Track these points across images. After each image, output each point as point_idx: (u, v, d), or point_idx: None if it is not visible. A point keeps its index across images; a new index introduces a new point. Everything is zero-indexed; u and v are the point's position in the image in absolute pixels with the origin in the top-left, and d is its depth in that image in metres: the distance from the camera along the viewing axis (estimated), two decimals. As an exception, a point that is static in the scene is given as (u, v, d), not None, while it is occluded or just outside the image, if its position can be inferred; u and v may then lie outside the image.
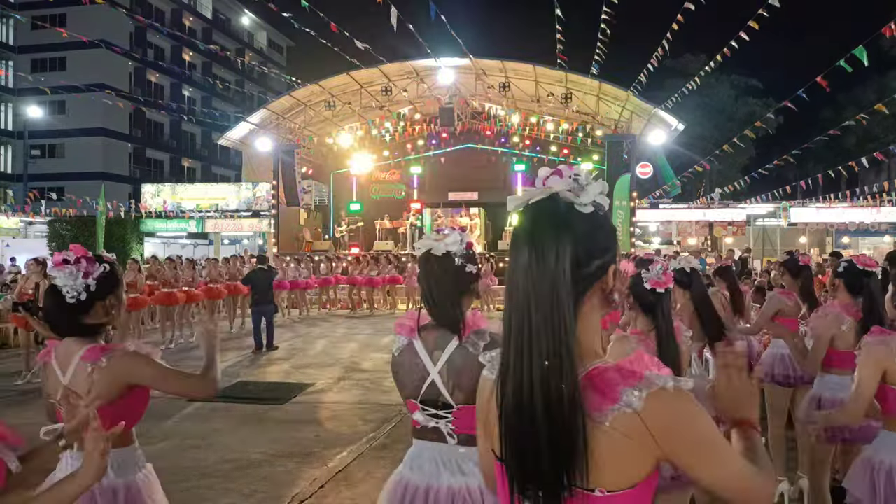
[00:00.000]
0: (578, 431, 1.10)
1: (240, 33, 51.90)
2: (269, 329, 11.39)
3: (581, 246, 1.16)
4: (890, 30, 12.44)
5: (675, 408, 1.12)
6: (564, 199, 1.18)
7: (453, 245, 2.24)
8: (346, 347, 11.78)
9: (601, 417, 1.11)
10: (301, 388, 8.34)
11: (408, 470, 2.30)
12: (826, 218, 22.55)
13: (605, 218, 1.20)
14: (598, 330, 1.23)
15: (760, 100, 38.93)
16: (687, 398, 1.14)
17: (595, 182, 1.20)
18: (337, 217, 25.75)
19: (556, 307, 1.13)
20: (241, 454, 5.69)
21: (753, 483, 1.18)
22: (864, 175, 31.83)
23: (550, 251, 1.14)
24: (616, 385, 1.12)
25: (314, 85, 22.17)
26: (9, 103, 40.19)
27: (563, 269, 1.14)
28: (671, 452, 1.13)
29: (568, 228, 1.15)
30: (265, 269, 12.01)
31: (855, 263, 3.52)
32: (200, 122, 34.96)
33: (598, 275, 1.19)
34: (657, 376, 1.12)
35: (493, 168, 25.33)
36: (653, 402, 1.10)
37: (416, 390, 2.27)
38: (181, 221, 25.24)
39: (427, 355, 2.24)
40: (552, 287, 1.13)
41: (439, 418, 2.24)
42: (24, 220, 26.83)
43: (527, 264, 1.16)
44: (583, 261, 1.16)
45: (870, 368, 2.81)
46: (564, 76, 20.46)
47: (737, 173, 34.27)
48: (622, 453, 1.11)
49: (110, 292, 2.35)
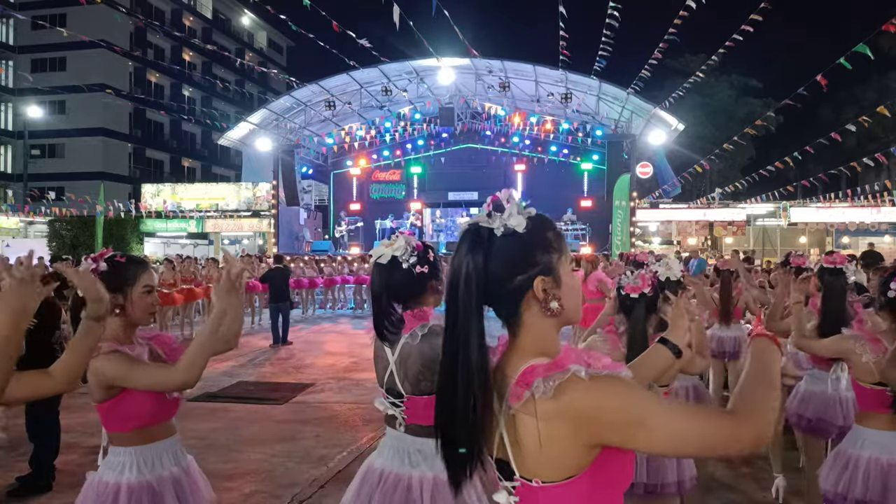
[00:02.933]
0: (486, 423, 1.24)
1: (240, 33, 51.88)
2: (285, 324, 11.99)
3: (498, 265, 1.30)
4: (893, 26, 12.42)
5: (587, 394, 1.18)
6: (484, 226, 1.32)
7: (399, 250, 2.40)
8: (347, 347, 11.78)
9: (516, 406, 1.22)
10: (301, 388, 8.34)
11: (375, 454, 2.50)
12: (826, 218, 22.56)
13: (522, 237, 1.31)
14: (545, 336, 1.33)
15: (760, 100, 38.90)
16: (602, 383, 1.19)
17: (512, 207, 1.33)
18: (337, 217, 25.74)
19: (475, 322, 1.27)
20: (241, 454, 5.70)
21: (712, 433, 1.18)
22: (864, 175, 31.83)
23: (468, 273, 1.29)
24: (535, 376, 1.22)
25: (314, 85, 22.18)
26: (9, 103, 40.17)
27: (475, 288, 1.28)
28: (598, 436, 1.19)
29: (483, 253, 1.29)
30: (282, 268, 12.70)
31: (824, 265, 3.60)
32: (200, 122, 34.92)
33: (525, 288, 1.30)
34: (576, 367, 1.20)
35: (493, 168, 25.34)
36: (564, 389, 1.19)
37: (382, 379, 2.47)
38: (181, 221, 25.26)
39: (389, 347, 2.43)
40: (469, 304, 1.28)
41: (396, 406, 2.42)
42: (24, 220, 26.85)
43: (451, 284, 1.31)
44: (503, 277, 1.30)
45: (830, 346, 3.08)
46: (564, 76, 20.46)
47: (737, 173, 34.27)
48: (546, 443, 1.20)
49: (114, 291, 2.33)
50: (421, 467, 2.34)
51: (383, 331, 2.37)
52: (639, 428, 1.17)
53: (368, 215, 25.02)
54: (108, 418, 2.36)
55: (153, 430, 2.39)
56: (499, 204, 1.34)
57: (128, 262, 2.43)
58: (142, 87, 41.43)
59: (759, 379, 1.29)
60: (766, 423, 1.21)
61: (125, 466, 2.33)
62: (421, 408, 2.35)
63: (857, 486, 2.79)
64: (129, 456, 2.34)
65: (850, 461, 2.86)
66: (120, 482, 2.31)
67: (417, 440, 2.36)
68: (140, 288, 2.41)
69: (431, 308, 2.46)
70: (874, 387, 2.84)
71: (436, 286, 2.48)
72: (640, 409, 1.18)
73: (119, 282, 2.37)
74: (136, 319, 2.42)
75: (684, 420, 1.18)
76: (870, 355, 2.85)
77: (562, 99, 21.34)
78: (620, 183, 21.62)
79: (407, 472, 2.35)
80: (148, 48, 42.67)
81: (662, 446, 1.20)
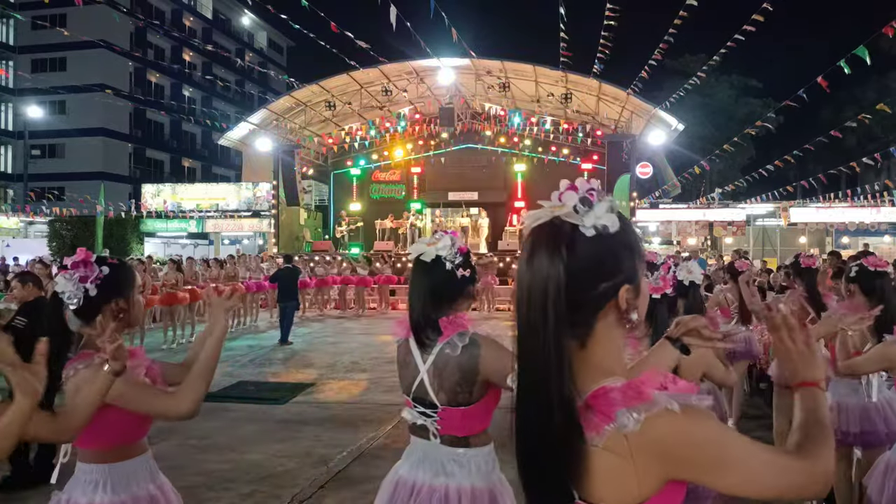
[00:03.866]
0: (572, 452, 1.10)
1: (240, 33, 51.87)
2: (288, 323, 12.24)
3: (583, 270, 1.14)
4: (892, 29, 12.43)
5: (676, 429, 1.09)
6: (567, 220, 1.16)
7: (443, 250, 2.26)
8: (347, 347, 11.78)
9: (596, 439, 1.10)
10: (301, 388, 8.34)
11: (401, 465, 2.37)
12: (826, 218, 22.56)
13: (612, 238, 1.16)
14: (616, 349, 1.21)
15: (760, 100, 38.93)
16: (693, 418, 1.10)
17: (603, 203, 1.18)
18: (337, 217, 25.75)
19: (556, 334, 1.13)
20: (241, 454, 5.70)
21: (792, 477, 1.13)
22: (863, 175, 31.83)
23: (548, 280, 1.13)
24: (614, 406, 1.10)
25: (314, 85, 22.18)
26: (9, 103, 40.17)
27: (559, 296, 1.12)
28: (679, 472, 1.11)
29: (568, 255, 1.13)
30: (291, 267, 12.94)
31: (866, 266, 3.48)
32: (200, 122, 34.93)
33: (608, 296, 1.17)
34: (664, 397, 1.10)
35: (493, 168, 25.33)
36: (652, 423, 1.08)
37: (409, 387, 2.33)
38: (181, 221, 25.26)
39: (419, 354, 2.29)
40: (545, 315, 1.13)
41: (426, 416, 2.28)
42: (24, 220, 26.86)
43: (527, 291, 1.15)
44: (588, 284, 1.15)
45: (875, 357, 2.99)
46: (564, 76, 20.47)
47: (737, 173, 34.28)
48: (621, 473, 1.10)
49: (118, 295, 2.24)
50: (457, 477, 2.23)
51: (423, 337, 2.26)
52: (722, 469, 1.10)
53: (368, 215, 25.02)
54: (86, 433, 2.08)
55: (129, 447, 2.24)
56: (585, 197, 1.17)
57: (121, 264, 2.32)
58: (142, 87, 41.43)
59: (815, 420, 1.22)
60: (832, 462, 1.17)
61: (98, 485, 2.15)
62: (458, 419, 2.24)
63: None
64: (103, 474, 2.17)
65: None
66: (93, 502, 2.15)
67: (453, 451, 2.24)
68: (137, 289, 2.35)
69: (466, 314, 2.34)
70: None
71: (472, 291, 2.37)
72: (727, 451, 1.11)
73: (121, 285, 2.26)
74: (135, 321, 2.34)
75: (766, 464, 1.11)
76: None
77: (562, 99, 21.34)
78: (620, 183, 21.62)
79: (442, 482, 2.23)
80: (148, 48, 42.67)
81: (742, 489, 1.12)
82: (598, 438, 1.10)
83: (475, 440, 2.27)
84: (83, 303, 2.17)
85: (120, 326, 2.22)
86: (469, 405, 2.22)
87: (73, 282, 2.17)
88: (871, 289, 3.36)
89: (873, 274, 3.38)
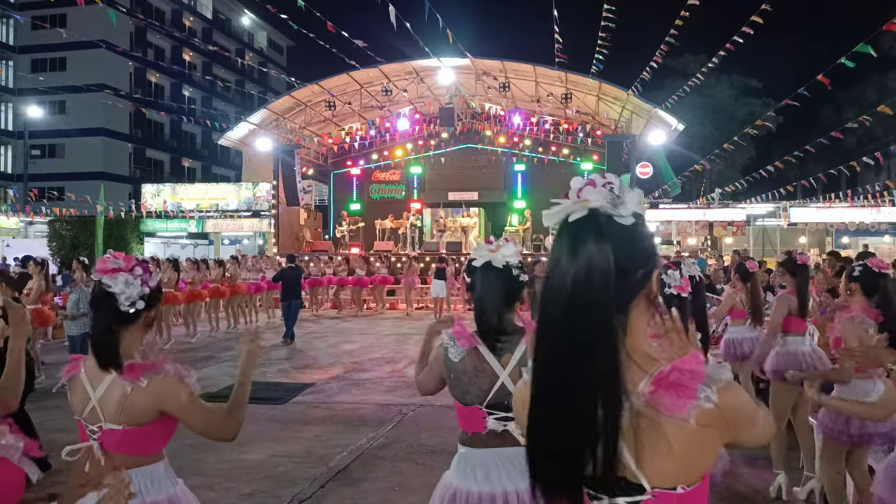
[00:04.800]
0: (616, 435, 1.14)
1: (240, 33, 51.89)
2: (293, 320, 12.51)
3: (625, 258, 1.17)
4: (894, 25, 12.42)
5: (736, 396, 1.22)
6: (605, 213, 1.19)
7: (512, 257, 2.36)
8: (347, 347, 11.78)
9: (686, 416, 1.15)
10: (301, 388, 8.34)
11: (464, 479, 2.32)
12: (826, 218, 22.56)
13: (644, 225, 1.23)
14: (644, 332, 1.25)
15: (760, 100, 38.93)
16: (735, 387, 1.25)
17: (632, 192, 1.22)
18: (337, 217, 25.75)
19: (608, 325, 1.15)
20: (241, 454, 5.69)
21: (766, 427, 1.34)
22: (864, 175, 31.84)
23: (596, 269, 1.15)
24: (689, 384, 1.16)
25: (314, 85, 22.17)
26: (9, 103, 40.18)
27: (610, 286, 1.14)
28: (733, 434, 1.23)
29: (611, 244, 1.16)
30: (294, 267, 13.32)
31: (870, 266, 3.54)
32: (200, 122, 34.94)
33: (644, 282, 1.22)
34: (716, 372, 1.22)
35: (493, 168, 25.33)
36: (723, 394, 1.19)
37: (483, 395, 2.31)
38: (181, 221, 25.25)
39: (496, 360, 2.31)
40: (603, 306, 1.14)
41: (509, 420, 2.28)
42: (24, 220, 26.85)
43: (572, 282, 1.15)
44: (629, 272, 1.18)
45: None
46: (564, 76, 20.47)
47: (737, 173, 34.30)
48: (701, 446, 1.18)
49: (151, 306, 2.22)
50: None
51: (495, 342, 2.29)
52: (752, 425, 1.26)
53: (368, 215, 25.02)
54: (141, 441, 2.17)
55: (160, 453, 2.31)
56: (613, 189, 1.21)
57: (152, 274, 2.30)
58: (142, 87, 41.45)
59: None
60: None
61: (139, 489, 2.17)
62: None
63: None
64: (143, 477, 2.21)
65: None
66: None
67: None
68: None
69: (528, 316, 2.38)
70: None
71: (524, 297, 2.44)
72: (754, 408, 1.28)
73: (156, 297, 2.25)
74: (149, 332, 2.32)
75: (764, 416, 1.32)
76: None
77: (562, 99, 21.35)
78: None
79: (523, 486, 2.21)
80: (148, 48, 42.68)
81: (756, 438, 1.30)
82: (686, 415, 1.15)
83: None
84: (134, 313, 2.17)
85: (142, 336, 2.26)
86: None
87: (135, 285, 2.15)
88: (874, 289, 3.42)
89: (877, 275, 3.44)
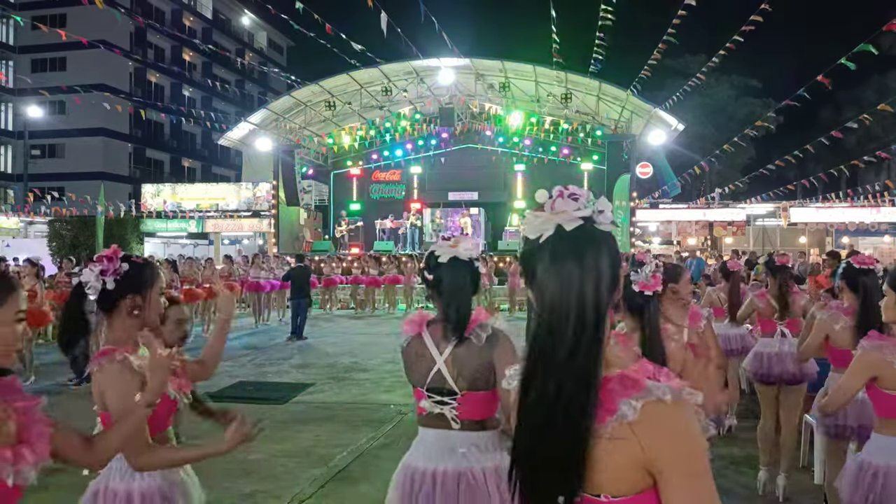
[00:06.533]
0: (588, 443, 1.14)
1: (240, 33, 51.87)
2: (302, 320, 12.85)
3: (609, 268, 1.20)
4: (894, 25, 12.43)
5: (666, 420, 1.14)
6: (595, 221, 1.22)
7: (473, 251, 2.49)
8: (347, 347, 11.78)
9: (602, 429, 1.15)
10: (301, 388, 8.35)
11: (414, 456, 2.49)
12: (826, 218, 22.55)
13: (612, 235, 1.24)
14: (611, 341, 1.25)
15: (760, 100, 38.93)
16: (682, 412, 1.16)
17: (601, 200, 1.24)
18: (337, 217, 25.76)
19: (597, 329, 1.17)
20: (241, 454, 5.69)
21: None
22: (864, 175, 31.85)
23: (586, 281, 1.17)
24: (616, 395, 1.16)
25: (314, 85, 22.18)
26: (9, 103, 40.18)
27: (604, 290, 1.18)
28: (652, 462, 1.14)
29: (604, 251, 1.20)
30: (303, 266, 13.62)
31: (852, 263, 3.65)
32: (200, 122, 34.95)
33: (616, 286, 1.24)
34: (657, 387, 1.15)
35: (493, 168, 25.32)
36: (646, 412, 1.13)
37: (422, 378, 2.45)
38: (181, 221, 25.24)
39: (434, 346, 2.44)
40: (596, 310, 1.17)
41: (444, 405, 2.43)
42: (24, 220, 26.84)
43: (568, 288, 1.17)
44: (610, 281, 1.21)
45: (857, 370, 2.94)
46: (564, 76, 20.47)
47: (737, 173, 34.29)
48: (621, 461, 1.15)
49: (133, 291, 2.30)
50: (479, 459, 2.37)
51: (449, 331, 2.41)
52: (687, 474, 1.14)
53: (368, 215, 25.02)
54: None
55: (160, 436, 2.33)
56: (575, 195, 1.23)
57: (146, 263, 2.40)
58: (142, 87, 41.43)
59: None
60: None
61: (135, 472, 2.23)
62: (476, 403, 2.39)
63: (873, 494, 2.77)
64: None
65: (868, 469, 2.83)
66: (131, 489, 2.24)
67: (472, 435, 2.40)
68: (156, 290, 2.38)
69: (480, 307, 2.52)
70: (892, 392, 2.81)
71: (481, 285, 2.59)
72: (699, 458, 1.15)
73: (139, 283, 2.31)
74: (151, 322, 2.38)
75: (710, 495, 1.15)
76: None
77: (562, 99, 21.35)
78: (620, 183, 21.62)
79: (465, 466, 2.36)
80: (148, 48, 42.68)
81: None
82: (602, 428, 1.14)
83: (491, 423, 2.44)
84: (101, 295, 2.28)
85: (136, 324, 2.31)
86: (486, 390, 2.39)
87: (94, 274, 2.29)
88: (856, 285, 3.52)
89: (858, 271, 3.54)
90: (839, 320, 3.74)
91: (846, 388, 2.97)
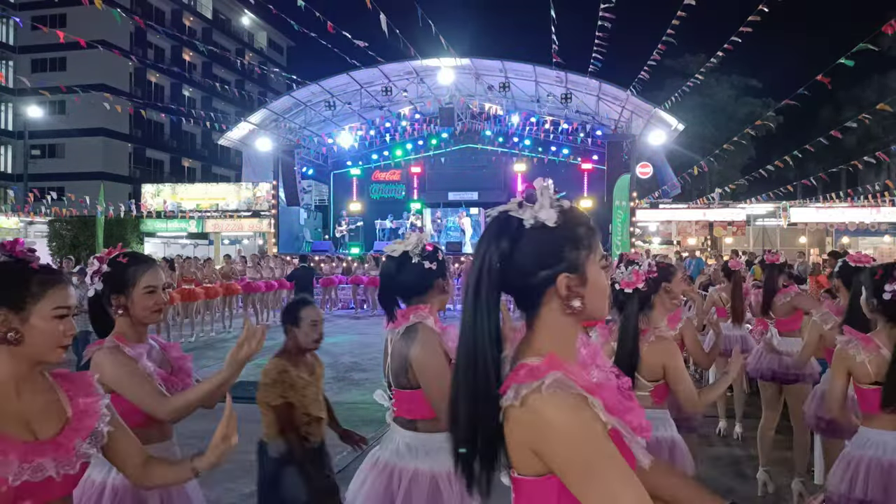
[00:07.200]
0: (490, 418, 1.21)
1: (240, 33, 51.87)
2: None
3: (524, 257, 1.25)
4: (891, 27, 12.44)
5: (546, 412, 1.15)
6: (514, 215, 1.28)
7: (409, 246, 2.45)
8: (347, 347, 11.78)
9: (502, 402, 1.22)
10: (301, 388, 8.33)
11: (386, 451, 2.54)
12: (826, 218, 22.54)
13: (553, 231, 1.27)
14: (561, 334, 1.29)
15: (760, 100, 38.91)
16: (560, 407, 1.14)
17: (542, 199, 1.29)
18: (337, 217, 25.76)
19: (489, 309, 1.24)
20: (241, 454, 5.67)
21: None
22: (864, 175, 31.85)
23: (485, 264, 1.26)
24: (513, 380, 1.21)
25: (314, 85, 22.19)
26: (9, 103, 40.18)
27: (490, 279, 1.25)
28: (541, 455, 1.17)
29: (507, 241, 1.26)
30: (307, 267, 13.72)
31: (847, 262, 3.73)
32: (200, 122, 34.94)
33: (548, 283, 1.26)
34: (555, 378, 1.16)
35: (493, 168, 25.34)
36: (526, 400, 1.17)
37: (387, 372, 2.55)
38: (181, 221, 25.24)
39: (389, 343, 2.52)
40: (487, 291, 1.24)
41: (389, 399, 2.51)
42: (24, 220, 26.83)
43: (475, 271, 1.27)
44: (526, 271, 1.26)
45: (834, 367, 3.03)
46: (564, 76, 20.47)
47: (737, 173, 34.26)
48: (513, 442, 1.21)
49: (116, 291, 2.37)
50: (405, 459, 2.37)
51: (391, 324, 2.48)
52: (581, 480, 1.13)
53: (368, 215, 25.02)
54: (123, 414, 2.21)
55: (148, 432, 2.29)
56: (531, 194, 1.30)
57: (129, 263, 2.41)
58: (142, 88, 41.44)
59: None
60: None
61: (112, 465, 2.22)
62: (404, 401, 2.39)
63: (857, 486, 2.80)
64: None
65: (853, 462, 2.87)
66: (106, 481, 2.26)
67: (404, 433, 2.40)
68: (141, 289, 2.38)
69: (429, 306, 2.46)
70: (871, 387, 2.85)
71: (442, 285, 2.49)
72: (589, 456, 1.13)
73: (119, 283, 2.37)
74: (140, 319, 2.40)
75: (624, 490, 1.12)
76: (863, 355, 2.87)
77: (562, 99, 21.35)
78: (620, 183, 21.62)
79: (394, 462, 2.40)
80: (148, 48, 42.68)
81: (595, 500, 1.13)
82: (503, 401, 1.21)
83: (423, 425, 2.38)
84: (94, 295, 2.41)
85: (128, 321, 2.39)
86: (412, 389, 2.36)
87: (88, 276, 2.42)
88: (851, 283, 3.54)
89: (853, 269, 3.62)
90: (829, 320, 3.82)
91: (833, 387, 3.04)
